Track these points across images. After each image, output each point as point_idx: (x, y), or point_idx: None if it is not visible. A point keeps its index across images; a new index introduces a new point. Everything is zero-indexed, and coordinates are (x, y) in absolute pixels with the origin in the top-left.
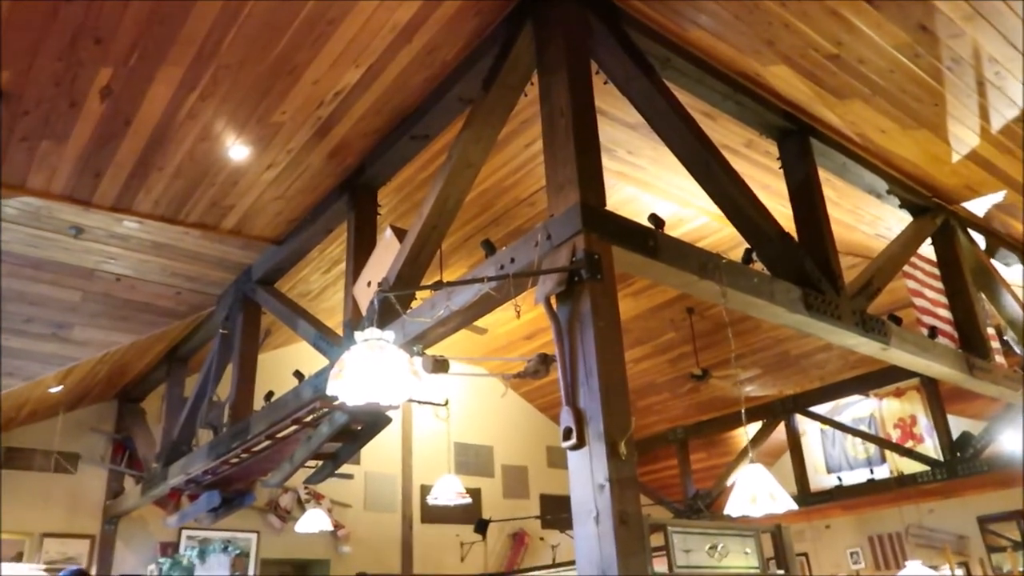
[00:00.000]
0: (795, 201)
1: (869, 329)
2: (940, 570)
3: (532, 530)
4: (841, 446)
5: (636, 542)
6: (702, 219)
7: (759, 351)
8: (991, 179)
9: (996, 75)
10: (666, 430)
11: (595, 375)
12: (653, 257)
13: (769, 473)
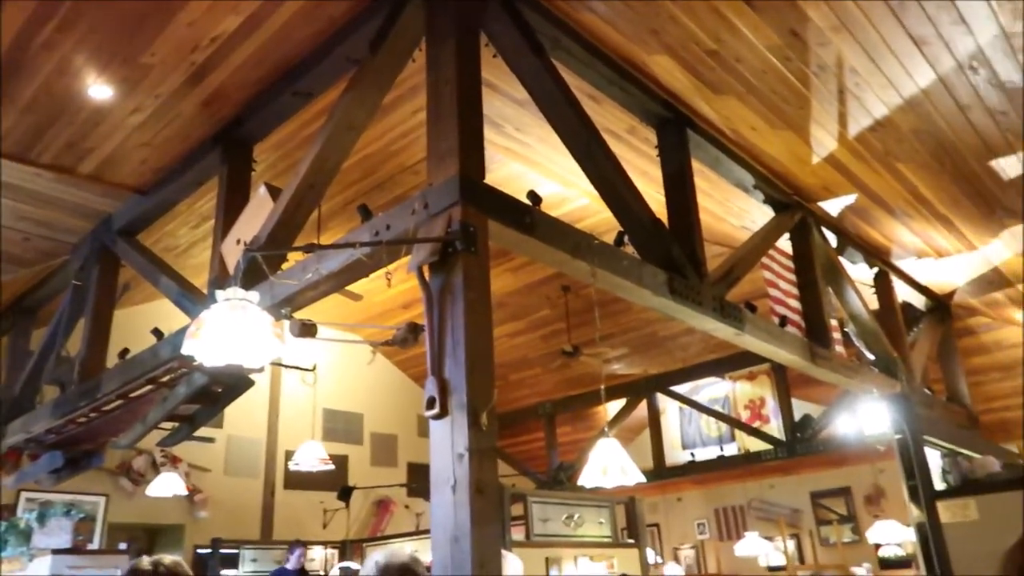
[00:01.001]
0: (669, 189)
1: (726, 315)
2: (774, 540)
3: (398, 498)
4: (697, 424)
5: (492, 511)
6: (583, 200)
7: (629, 331)
8: (845, 182)
9: (856, 85)
10: (535, 404)
11: (462, 346)
12: (529, 234)
13: (621, 447)
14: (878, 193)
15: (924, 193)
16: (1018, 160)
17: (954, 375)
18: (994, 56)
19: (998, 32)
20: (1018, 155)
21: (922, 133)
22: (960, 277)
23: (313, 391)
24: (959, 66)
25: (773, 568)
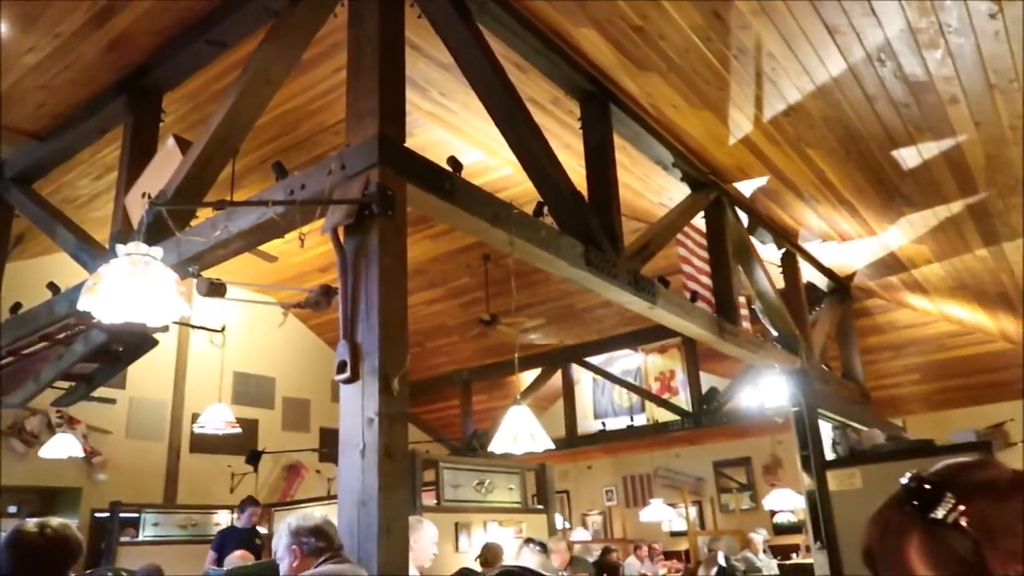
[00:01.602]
0: (590, 162)
1: (640, 289)
2: (678, 507)
3: (310, 463)
4: (609, 395)
5: (400, 476)
6: (506, 170)
7: (547, 302)
8: (759, 164)
9: (772, 70)
10: (452, 371)
11: (375, 310)
12: (448, 200)
13: (532, 415)
14: (788, 176)
15: (831, 178)
16: (917, 152)
17: (850, 353)
18: (900, 50)
19: (905, 27)
20: (917, 147)
21: (831, 120)
22: (860, 260)
23: (222, 353)
24: (868, 57)
25: (675, 533)
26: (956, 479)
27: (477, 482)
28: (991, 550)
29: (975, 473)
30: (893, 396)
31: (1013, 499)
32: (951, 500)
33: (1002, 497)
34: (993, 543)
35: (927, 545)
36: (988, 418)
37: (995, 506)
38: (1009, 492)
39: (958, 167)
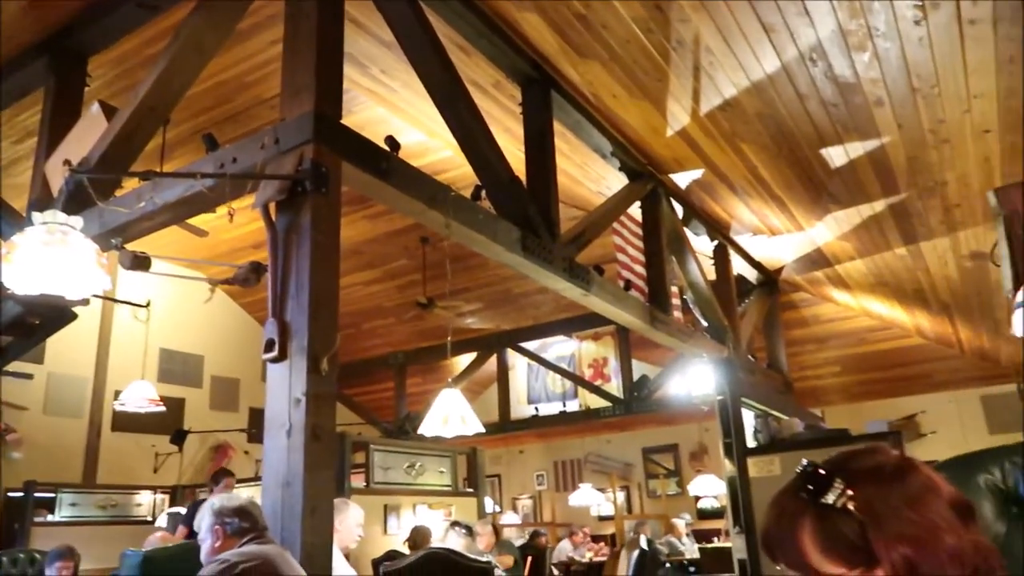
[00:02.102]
0: (529, 148)
1: (575, 276)
2: (606, 492)
3: (238, 443)
4: (543, 380)
5: (327, 457)
6: (446, 152)
7: (484, 287)
8: (694, 157)
9: (710, 64)
10: (387, 353)
11: (306, 289)
12: (384, 180)
13: (463, 398)
14: (723, 170)
15: (763, 174)
16: (844, 151)
17: (775, 344)
18: (831, 51)
19: (836, 28)
20: (844, 146)
21: (765, 117)
22: (788, 255)
23: (146, 329)
24: (801, 57)
25: (603, 517)
26: (845, 466)
27: (408, 465)
28: (876, 533)
29: (863, 460)
30: (815, 387)
31: (897, 484)
32: (840, 485)
33: (887, 482)
34: (878, 526)
35: (818, 529)
36: (902, 410)
37: (880, 491)
38: (893, 477)
39: (881, 168)
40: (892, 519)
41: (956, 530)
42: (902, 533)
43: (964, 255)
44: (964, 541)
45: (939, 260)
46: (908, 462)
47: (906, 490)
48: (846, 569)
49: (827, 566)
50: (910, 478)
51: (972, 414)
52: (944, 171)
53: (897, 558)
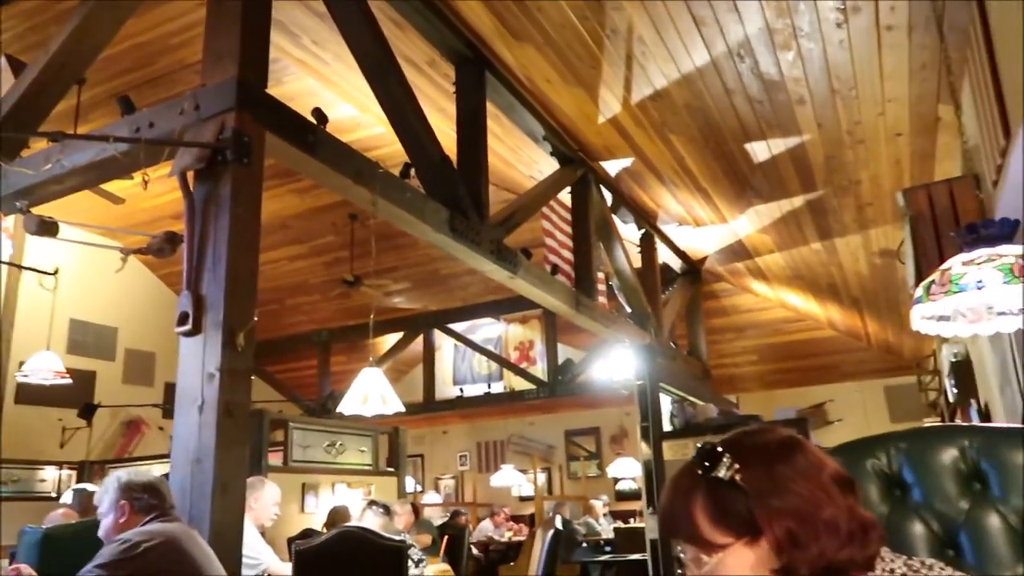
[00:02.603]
0: (461, 128)
1: (502, 258)
2: (528, 473)
3: (152, 419)
4: (469, 362)
5: (240, 434)
6: (378, 129)
7: (413, 266)
8: (624, 146)
9: (642, 54)
10: (311, 331)
11: (223, 262)
12: (310, 153)
13: (384, 377)
14: (651, 160)
15: (690, 165)
16: (767, 147)
17: (696, 332)
18: (758, 48)
19: (763, 26)
20: (767, 142)
21: (693, 109)
22: (711, 246)
23: (53, 298)
24: (729, 52)
25: (524, 498)
26: (736, 443)
27: (328, 443)
28: (760, 507)
29: (752, 438)
30: (732, 374)
31: (781, 461)
32: (729, 461)
33: (772, 458)
34: (762, 500)
35: (709, 502)
36: (812, 398)
37: (765, 466)
38: (778, 454)
39: (801, 165)
40: (775, 493)
41: (835, 502)
42: (784, 506)
43: (874, 252)
44: (841, 511)
45: (851, 256)
46: (794, 440)
47: (790, 466)
48: (734, 538)
49: (717, 536)
50: (794, 455)
51: (876, 403)
52: (859, 171)
53: (779, 528)
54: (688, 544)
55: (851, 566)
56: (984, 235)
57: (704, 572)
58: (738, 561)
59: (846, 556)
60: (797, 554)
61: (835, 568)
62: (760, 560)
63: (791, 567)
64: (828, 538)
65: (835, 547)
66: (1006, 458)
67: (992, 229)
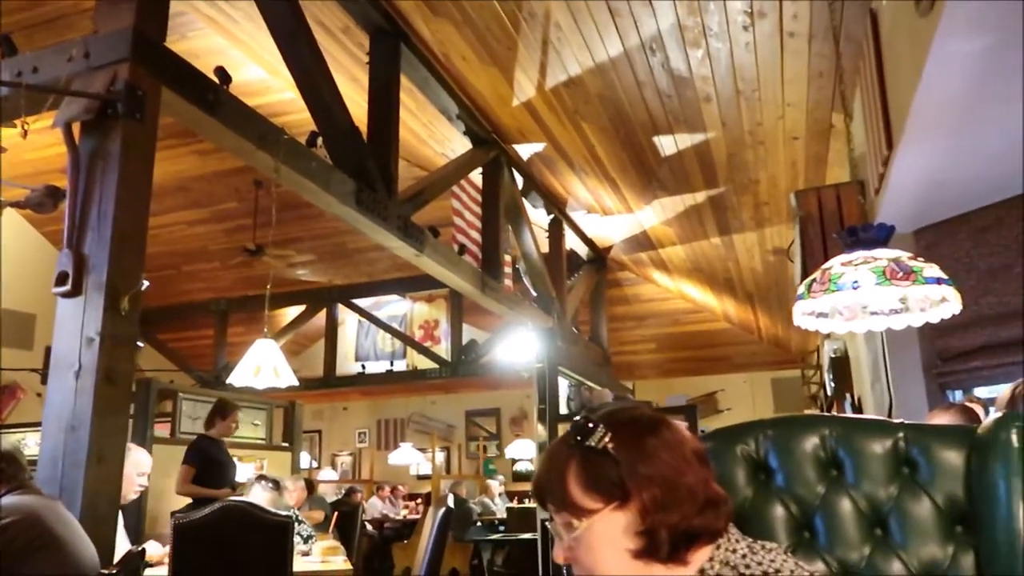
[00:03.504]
0: (373, 100)
1: (409, 235)
2: (427, 452)
3: (29, 384)
4: (373, 338)
5: (120, 402)
6: (288, 94)
7: (318, 238)
8: (537, 130)
9: (558, 40)
10: (209, 299)
11: (109, 221)
12: (210, 113)
13: (278, 349)
14: (563, 146)
15: (600, 154)
16: (674, 141)
17: (599, 319)
18: (669, 43)
19: (675, 22)
20: (674, 136)
21: (605, 99)
22: (617, 235)
23: None
24: (642, 45)
25: (422, 476)
26: (609, 416)
27: None
28: (629, 474)
29: (624, 413)
30: (631, 362)
31: (650, 433)
32: (602, 431)
33: (642, 431)
34: (632, 468)
35: (582, 469)
36: (705, 387)
37: (636, 437)
38: (648, 428)
39: (705, 161)
40: (644, 461)
41: (695, 472)
42: (651, 473)
43: (768, 250)
44: (699, 481)
45: (747, 252)
46: (660, 418)
47: (657, 437)
48: (603, 504)
49: (588, 502)
50: (661, 429)
51: (763, 394)
52: (758, 170)
53: (646, 494)
54: (560, 510)
55: (703, 533)
56: (863, 238)
57: (574, 535)
58: (606, 525)
59: (700, 523)
60: (660, 517)
61: (690, 534)
62: (627, 523)
63: (654, 529)
64: (688, 504)
65: (693, 513)
66: (861, 447)
67: (870, 233)
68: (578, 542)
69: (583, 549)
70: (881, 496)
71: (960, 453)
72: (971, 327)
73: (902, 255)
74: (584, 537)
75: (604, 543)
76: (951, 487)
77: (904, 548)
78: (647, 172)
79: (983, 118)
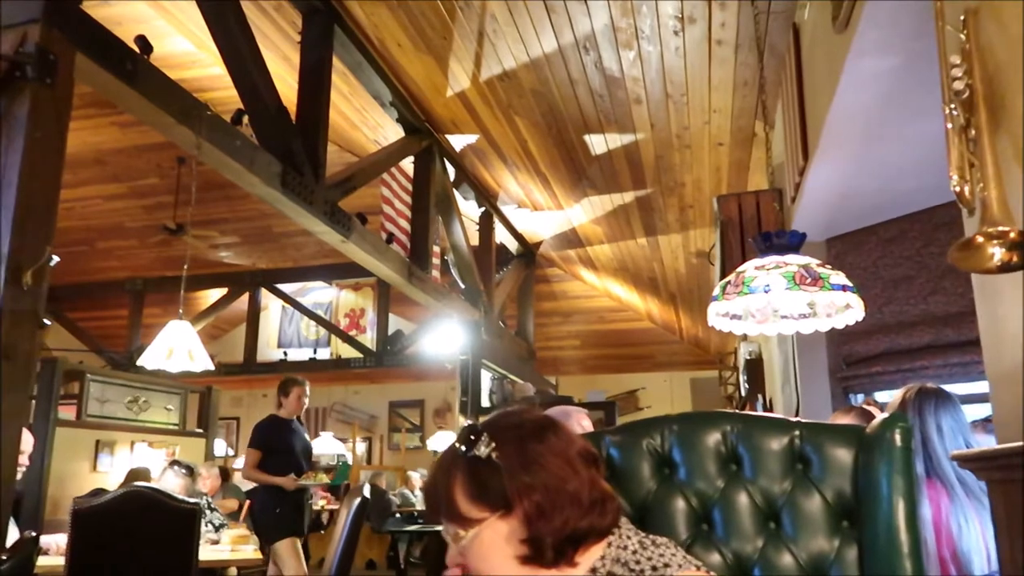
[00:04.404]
0: (304, 81)
1: (335, 220)
2: (347, 442)
3: None
4: (297, 325)
5: (20, 380)
6: (216, 70)
7: (243, 220)
8: (471, 122)
9: (494, 32)
10: (125, 278)
11: (13, 190)
12: (129, 83)
13: (194, 331)
14: (496, 139)
15: (532, 149)
16: (604, 140)
17: (526, 314)
18: (603, 43)
19: (608, 22)
20: (605, 136)
21: (539, 94)
22: (547, 231)
23: None
24: (576, 43)
25: None
26: (494, 423)
27: (130, 399)
28: (512, 482)
29: (509, 418)
30: (556, 357)
31: (534, 439)
32: (487, 439)
33: (526, 437)
34: (514, 476)
35: (467, 478)
36: (627, 385)
37: (521, 444)
38: (532, 434)
39: (634, 161)
40: (526, 469)
41: (579, 475)
42: (533, 481)
43: (692, 252)
44: (584, 483)
45: (672, 254)
46: (547, 420)
47: (541, 443)
48: (489, 513)
49: (473, 512)
50: (546, 434)
51: (682, 393)
52: (684, 174)
53: (528, 502)
54: (448, 521)
55: (591, 533)
56: (776, 244)
57: (461, 546)
58: (492, 534)
59: (587, 524)
60: (543, 524)
61: (577, 536)
62: (512, 532)
63: (538, 536)
64: (571, 508)
65: (577, 516)
66: (759, 443)
67: (783, 239)
68: (466, 551)
69: (472, 558)
70: (776, 491)
71: (850, 451)
72: (874, 334)
73: (811, 261)
74: (471, 547)
75: (491, 552)
76: (840, 483)
77: (795, 541)
78: (577, 170)
79: (891, 135)
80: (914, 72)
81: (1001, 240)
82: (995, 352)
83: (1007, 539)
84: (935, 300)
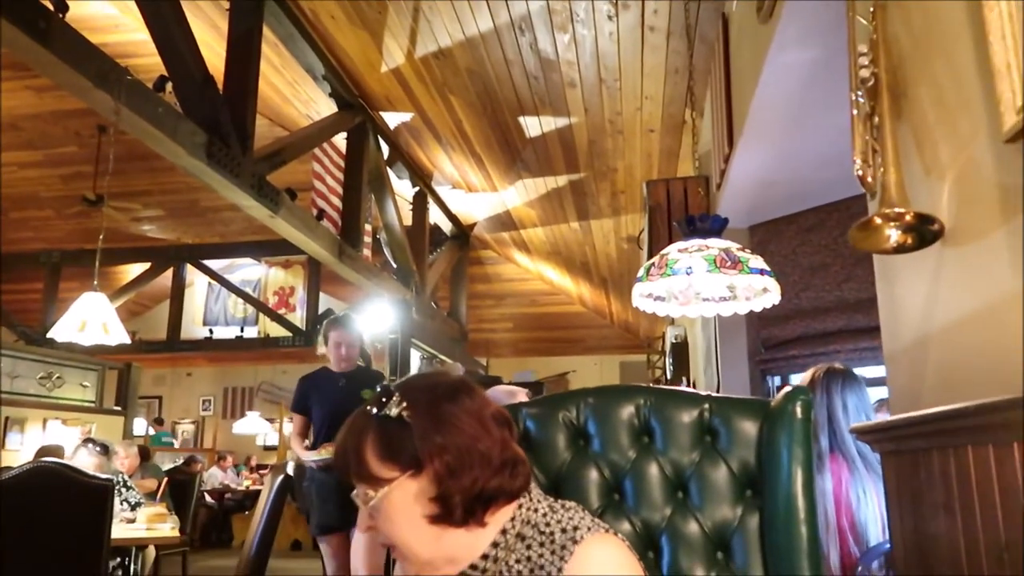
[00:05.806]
0: (232, 51)
1: (263, 195)
2: (275, 422)
3: None
4: (224, 302)
5: None
6: (140, 35)
7: (168, 193)
8: (406, 100)
9: (429, 9)
10: (40, 250)
11: None
12: (42, 43)
13: (109, 304)
14: (431, 118)
15: (467, 129)
16: (539, 123)
17: (459, 296)
18: (538, 24)
19: (544, 3)
20: (539, 118)
21: (474, 74)
22: (481, 213)
23: None
24: (512, 23)
25: (268, 447)
26: (408, 384)
27: (43, 375)
28: (423, 441)
29: (424, 379)
30: (488, 339)
31: (447, 400)
32: (399, 399)
33: (439, 399)
34: (425, 435)
35: (378, 438)
36: (557, 367)
37: (432, 405)
38: (445, 395)
39: (567, 145)
40: (438, 429)
41: (491, 436)
42: (444, 441)
43: (623, 237)
44: (496, 444)
45: (604, 239)
46: (463, 383)
47: (455, 404)
48: (399, 472)
49: (384, 472)
50: (460, 395)
51: (611, 377)
52: (616, 159)
53: (439, 461)
54: (359, 482)
55: (500, 494)
56: (699, 227)
57: (371, 506)
58: (401, 493)
59: (496, 485)
60: (452, 483)
61: (486, 495)
62: (421, 491)
63: (447, 494)
64: (481, 468)
65: (487, 476)
66: (670, 416)
67: (706, 223)
68: (376, 511)
69: (381, 518)
70: (684, 462)
71: (755, 424)
72: (792, 319)
73: (732, 246)
74: (381, 506)
75: (400, 511)
76: (745, 454)
77: (700, 510)
78: (512, 152)
79: (810, 125)
80: (832, 65)
81: (898, 222)
82: (891, 330)
83: (896, 507)
84: (848, 287)
